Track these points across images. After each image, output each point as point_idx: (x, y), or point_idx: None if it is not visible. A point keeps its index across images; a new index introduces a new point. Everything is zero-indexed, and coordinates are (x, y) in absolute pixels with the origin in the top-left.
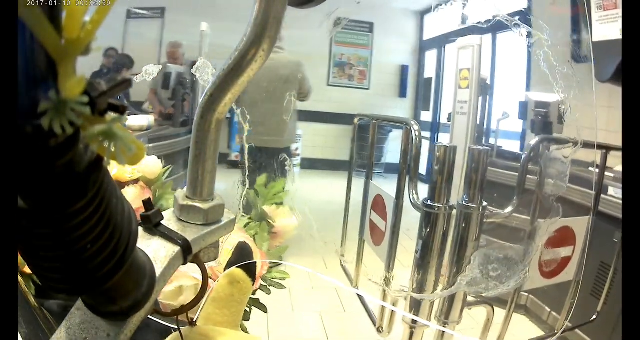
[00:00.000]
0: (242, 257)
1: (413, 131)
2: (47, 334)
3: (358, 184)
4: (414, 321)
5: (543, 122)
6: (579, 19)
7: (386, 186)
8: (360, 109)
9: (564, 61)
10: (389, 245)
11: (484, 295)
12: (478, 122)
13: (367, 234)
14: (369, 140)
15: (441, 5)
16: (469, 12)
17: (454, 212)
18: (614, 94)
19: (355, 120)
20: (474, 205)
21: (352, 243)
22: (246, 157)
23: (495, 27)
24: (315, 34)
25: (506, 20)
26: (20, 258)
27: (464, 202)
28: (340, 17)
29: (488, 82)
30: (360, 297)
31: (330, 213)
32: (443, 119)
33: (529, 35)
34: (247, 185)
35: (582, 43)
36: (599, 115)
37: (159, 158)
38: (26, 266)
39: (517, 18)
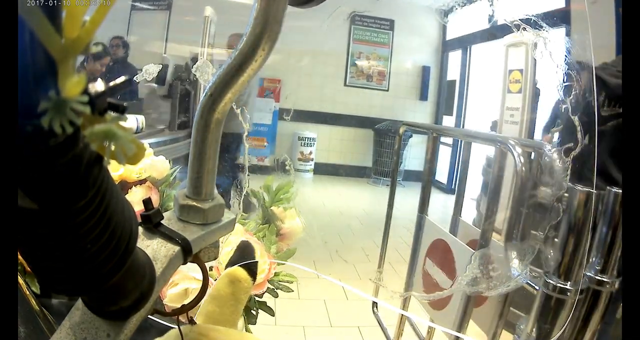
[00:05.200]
0: (243, 256)
1: (515, 155)
2: (47, 334)
3: (375, 193)
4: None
5: None
6: None
7: (405, 195)
8: (379, 112)
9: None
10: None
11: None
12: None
13: (418, 285)
14: (393, 148)
15: (465, 3)
16: (497, 10)
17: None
18: None
19: (402, 130)
20: (606, 280)
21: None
22: (246, 155)
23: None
24: (332, 30)
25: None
26: (20, 258)
27: (593, 274)
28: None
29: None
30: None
31: (346, 227)
32: (467, 125)
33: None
34: (248, 184)
35: None
36: None
37: None
38: None
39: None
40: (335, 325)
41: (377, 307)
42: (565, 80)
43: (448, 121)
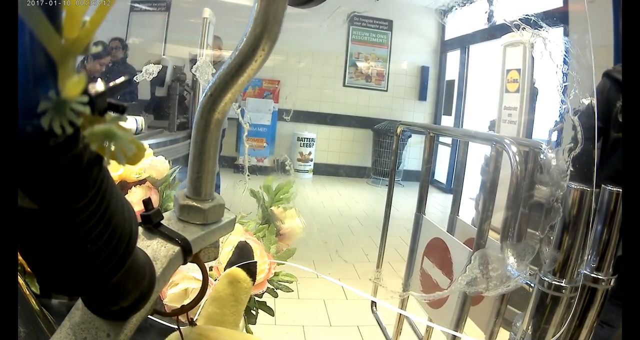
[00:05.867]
0: (242, 257)
1: (510, 154)
2: (47, 334)
3: (374, 193)
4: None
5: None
6: None
7: (404, 195)
8: (378, 112)
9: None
10: (457, 313)
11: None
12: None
13: (416, 284)
14: (391, 147)
15: (465, 3)
16: (496, 10)
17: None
18: None
19: (399, 130)
20: (602, 277)
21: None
22: (246, 156)
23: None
24: (330, 30)
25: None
26: (20, 258)
27: (589, 271)
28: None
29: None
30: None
31: (345, 227)
32: (466, 125)
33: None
34: (247, 184)
35: None
36: None
37: None
38: None
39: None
40: (335, 325)
41: (376, 307)
42: (565, 80)
43: (447, 121)
